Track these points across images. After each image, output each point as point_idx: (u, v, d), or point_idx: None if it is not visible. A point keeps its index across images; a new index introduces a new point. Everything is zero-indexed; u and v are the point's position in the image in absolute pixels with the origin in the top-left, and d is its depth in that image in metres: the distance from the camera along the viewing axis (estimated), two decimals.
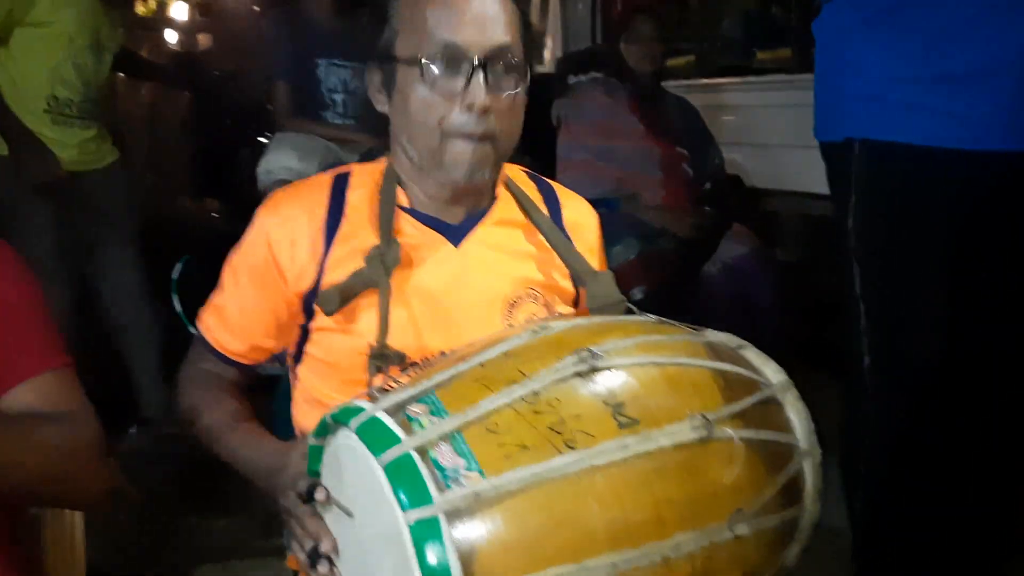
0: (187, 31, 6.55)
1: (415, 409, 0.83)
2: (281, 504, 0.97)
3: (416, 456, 0.79)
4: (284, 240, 1.13)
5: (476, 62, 1.07)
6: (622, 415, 0.83)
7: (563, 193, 1.26)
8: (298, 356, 1.19)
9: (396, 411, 0.83)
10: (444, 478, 0.78)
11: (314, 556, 0.90)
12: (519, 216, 1.19)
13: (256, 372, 1.25)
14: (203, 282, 3.33)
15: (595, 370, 0.86)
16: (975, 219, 1.69)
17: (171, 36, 6.67)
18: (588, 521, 0.79)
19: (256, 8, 5.69)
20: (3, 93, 2.37)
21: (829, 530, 0.99)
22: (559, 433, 0.81)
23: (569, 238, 1.20)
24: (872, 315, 1.72)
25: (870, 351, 1.72)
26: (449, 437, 0.80)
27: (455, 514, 0.76)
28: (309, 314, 1.14)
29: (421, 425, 0.81)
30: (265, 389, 1.61)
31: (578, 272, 1.17)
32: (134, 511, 2.38)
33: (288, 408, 1.24)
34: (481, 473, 0.78)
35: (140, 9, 6.04)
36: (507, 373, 0.86)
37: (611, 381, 0.87)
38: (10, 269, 1.07)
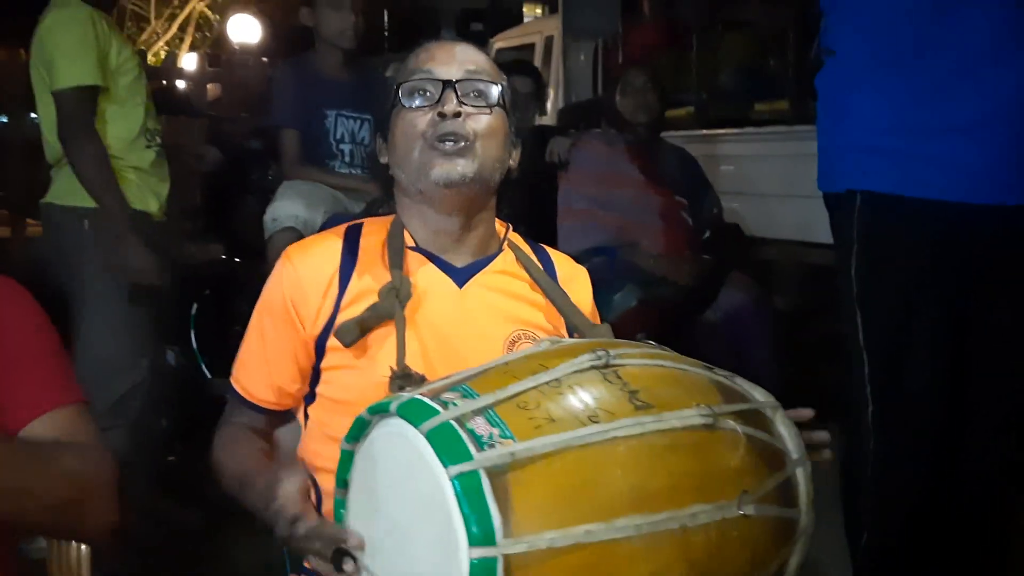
0: (196, 80, 6.68)
1: (449, 395, 0.91)
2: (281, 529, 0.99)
3: (455, 424, 0.86)
4: (300, 285, 1.21)
5: (446, 81, 1.20)
6: (637, 400, 0.91)
7: (555, 254, 1.35)
8: (311, 397, 1.25)
9: (432, 396, 0.91)
10: (480, 443, 0.84)
11: (338, 557, 0.94)
12: (520, 271, 1.28)
13: (286, 420, 1.30)
14: (208, 325, 3.33)
15: (609, 365, 0.95)
16: (976, 270, 1.72)
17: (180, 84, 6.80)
18: (613, 484, 0.86)
19: (264, 59, 5.81)
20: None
21: None
22: (583, 410, 0.89)
23: (566, 294, 1.28)
24: (875, 363, 1.74)
25: (874, 399, 1.74)
26: (483, 412, 0.88)
27: (493, 471, 0.83)
28: (320, 354, 1.20)
29: (456, 404, 0.88)
30: None
31: (576, 325, 1.25)
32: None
33: None
34: (514, 439, 0.85)
35: (150, 59, 6.18)
36: (530, 367, 0.95)
37: (624, 374, 0.95)
38: (28, 310, 1.12)
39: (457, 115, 1.19)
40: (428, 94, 1.21)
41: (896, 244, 1.72)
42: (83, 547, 1.18)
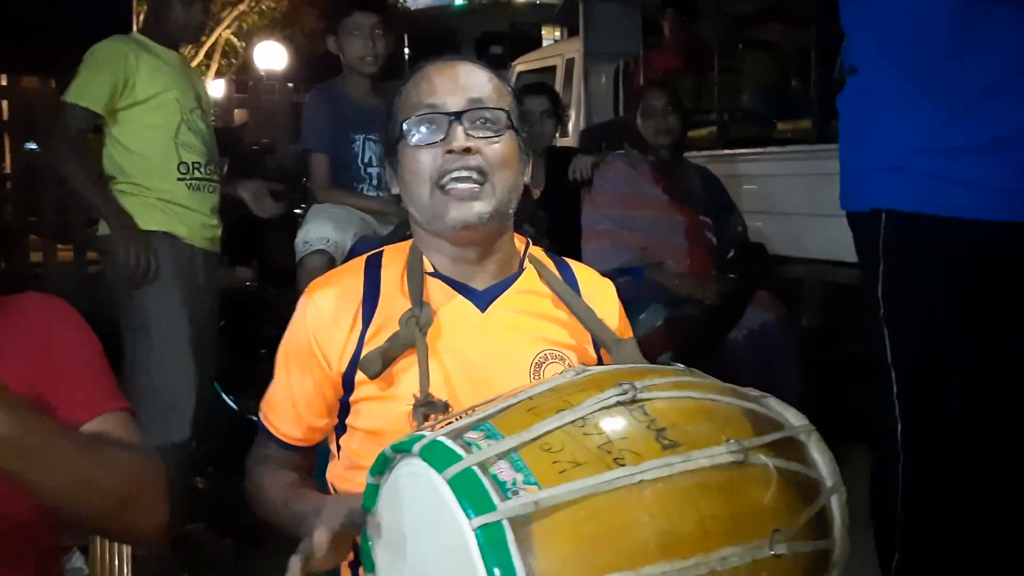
0: (223, 107, 6.77)
1: (472, 435, 0.89)
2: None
3: (477, 470, 0.84)
4: (324, 324, 1.21)
5: (452, 115, 1.18)
6: (664, 438, 0.89)
7: (578, 268, 1.34)
8: (340, 429, 1.25)
9: (455, 436, 0.89)
10: (504, 490, 0.83)
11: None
12: (544, 288, 1.27)
13: (314, 453, 1.32)
14: (236, 348, 3.34)
15: (636, 400, 0.93)
16: (1003, 287, 1.71)
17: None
18: (640, 531, 0.84)
19: (289, 85, 5.89)
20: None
21: None
22: (608, 452, 0.87)
23: (591, 309, 1.26)
24: (904, 382, 1.73)
25: (903, 418, 1.73)
26: (506, 455, 0.86)
27: (517, 521, 0.81)
28: (349, 388, 1.21)
29: (479, 447, 0.87)
30: None
31: (602, 339, 1.24)
32: None
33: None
34: (538, 486, 0.83)
35: None
36: (555, 403, 0.93)
37: (652, 409, 0.93)
38: (73, 325, 1.17)
39: (467, 150, 1.17)
40: (433, 129, 1.19)
41: (923, 262, 1.72)
42: (127, 569, 1.21)
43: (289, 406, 1.26)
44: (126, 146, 2.51)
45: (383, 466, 0.96)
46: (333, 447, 1.28)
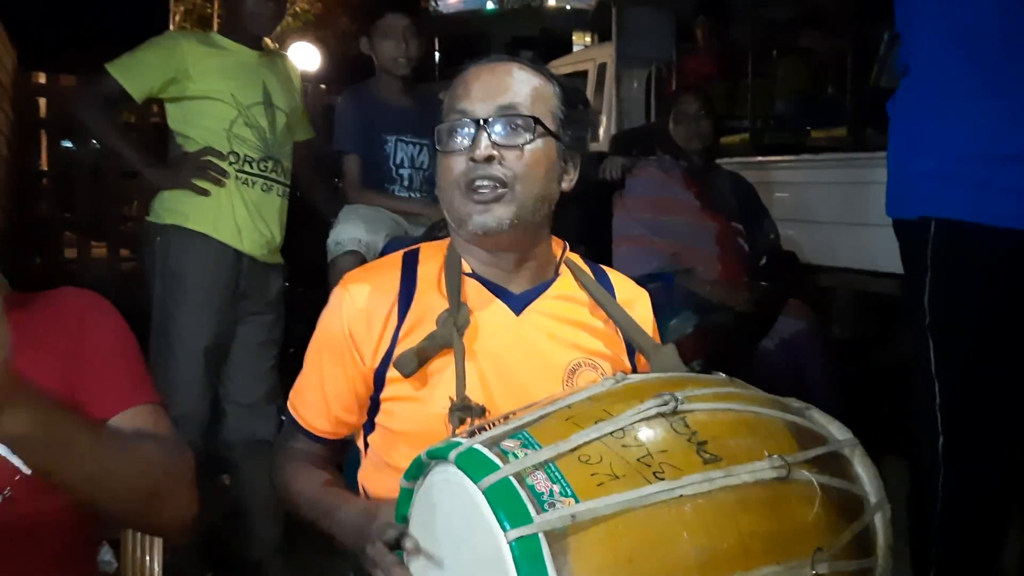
0: None
1: (509, 444, 0.88)
2: (368, 554, 1.01)
3: (514, 481, 0.83)
4: (360, 317, 1.20)
5: (479, 122, 1.18)
6: (705, 452, 0.87)
7: (615, 276, 1.33)
8: (370, 427, 1.25)
9: (491, 445, 0.88)
10: (540, 502, 0.82)
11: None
12: (580, 293, 1.26)
13: (343, 447, 1.31)
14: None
15: (677, 412, 0.91)
16: None
17: None
18: (678, 547, 0.82)
19: (322, 86, 5.92)
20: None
21: None
22: (648, 465, 0.85)
23: (628, 315, 1.26)
24: (948, 394, 1.70)
25: (945, 431, 1.70)
26: (543, 466, 0.85)
27: (553, 534, 0.80)
28: (380, 385, 1.20)
29: (515, 456, 0.86)
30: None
31: (640, 345, 1.22)
32: None
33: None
34: (575, 498, 0.82)
35: None
36: (594, 413, 0.91)
37: (693, 421, 0.91)
38: (107, 317, 1.17)
39: (490, 159, 1.16)
40: (461, 135, 1.19)
41: (973, 273, 1.69)
42: (156, 563, 1.21)
43: (319, 398, 1.25)
44: (180, 131, 2.53)
45: (417, 471, 0.95)
46: (360, 444, 1.28)
